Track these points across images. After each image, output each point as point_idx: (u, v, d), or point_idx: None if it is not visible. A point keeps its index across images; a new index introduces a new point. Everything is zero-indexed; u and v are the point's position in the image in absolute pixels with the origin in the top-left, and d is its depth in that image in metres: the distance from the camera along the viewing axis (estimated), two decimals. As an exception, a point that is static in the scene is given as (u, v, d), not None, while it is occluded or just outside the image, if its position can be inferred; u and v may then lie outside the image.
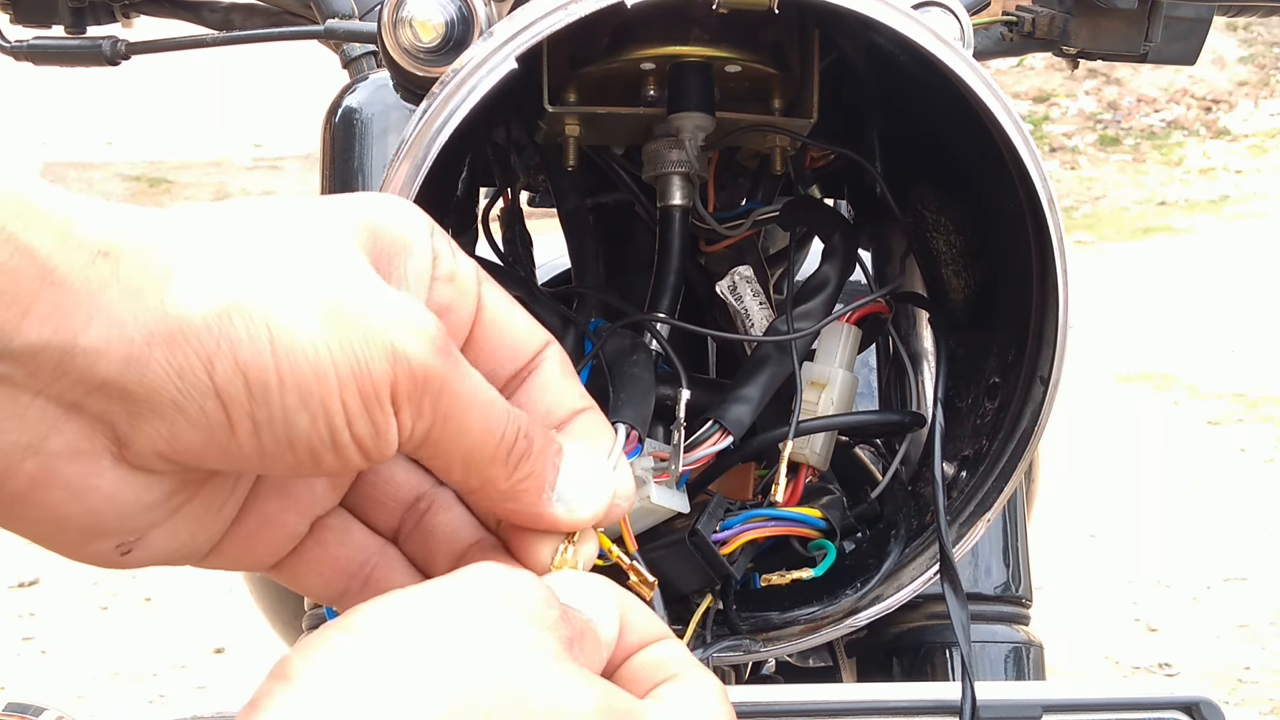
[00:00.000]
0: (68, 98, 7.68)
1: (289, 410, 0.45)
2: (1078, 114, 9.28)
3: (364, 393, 0.45)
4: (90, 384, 0.43)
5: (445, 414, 0.48)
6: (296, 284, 0.45)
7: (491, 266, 0.87)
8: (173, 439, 0.45)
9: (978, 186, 0.77)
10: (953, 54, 0.67)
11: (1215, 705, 0.71)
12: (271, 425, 0.45)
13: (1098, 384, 5.22)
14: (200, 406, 0.44)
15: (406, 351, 0.46)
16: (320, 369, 0.45)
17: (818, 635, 0.75)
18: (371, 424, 0.46)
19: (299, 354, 0.44)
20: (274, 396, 0.44)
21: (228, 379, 0.44)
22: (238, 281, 0.45)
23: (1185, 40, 0.94)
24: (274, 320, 0.44)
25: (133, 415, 0.44)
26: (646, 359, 0.74)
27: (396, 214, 0.51)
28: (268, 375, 0.44)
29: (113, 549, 0.49)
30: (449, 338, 0.48)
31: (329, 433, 0.46)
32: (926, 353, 0.88)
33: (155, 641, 3.45)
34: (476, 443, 0.49)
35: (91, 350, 0.43)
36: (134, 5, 1.28)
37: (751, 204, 0.87)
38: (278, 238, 0.47)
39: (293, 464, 0.46)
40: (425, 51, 0.78)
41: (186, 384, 0.44)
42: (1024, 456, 0.74)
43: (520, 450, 0.50)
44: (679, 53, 0.78)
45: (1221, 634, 3.56)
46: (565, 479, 0.52)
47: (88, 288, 0.43)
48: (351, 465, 0.47)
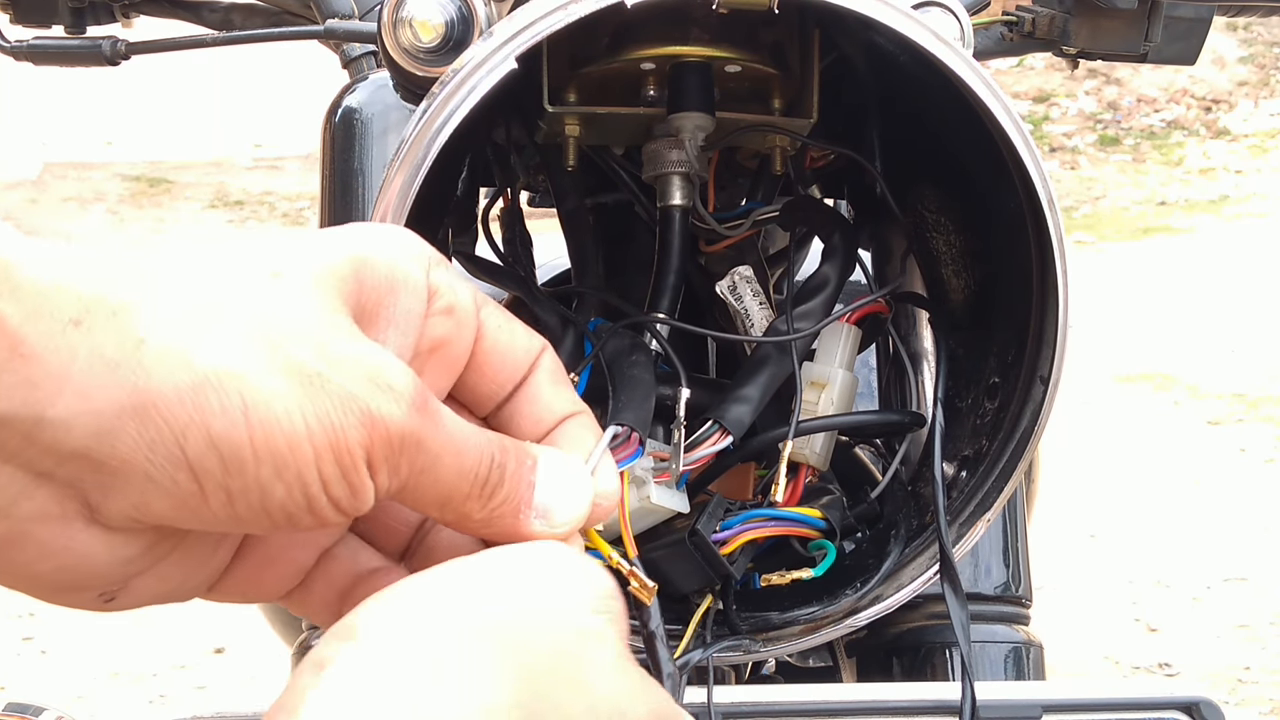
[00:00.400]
0: (68, 98, 7.69)
1: (264, 481, 0.44)
2: (1078, 114, 9.28)
3: (340, 460, 0.45)
4: (60, 454, 0.43)
5: (420, 468, 0.48)
6: (269, 349, 0.45)
7: (491, 266, 0.87)
8: (143, 506, 0.45)
9: (978, 186, 0.77)
10: (953, 54, 0.67)
11: (1215, 705, 0.71)
12: (246, 495, 0.45)
13: (1098, 384, 5.22)
14: (172, 478, 0.44)
15: (382, 414, 0.46)
16: (295, 440, 0.44)
17: (818, 635, 0.75)
18: (348, 487, 0.46)
19: (273, 425, 0.44)
20: (249, 469, 0.44)
21: (201, 453, 0.43)
22: (210, 351, 0.44)
23: (1185, 40, 0.94)
24: (247, 391, 0.44)
25: (103, 485, 0.44)
26: (646, 359, 0.74)
27: (389, 250, 0.50)
28: (242, 449, 0.44)
29: (95, 598, 0.49)
30: (424, 391, 0.48)
31: (305, 499, 0.45)
32: (926, 353, 0.88)
33: (155, 641, 3.45)
34: (450, 486, 0.49)
35: (60, 422, 0.42)
36: (134, 5, 1.28)
37: (751, 204, 0.87)
38: (252, 297, 0.46)
39: (268, 526, 0.46)
40: (425, 51, 0.78)
41: (158, 456, 0.43)
42: (1024, 456, 0.74)
43: (494, 482, 0.50)
44: (679, 53, 0.77)
45: (1221, 634, 3.56)
46: (542, 490, 0.52)
47: (58, 359, 0.42)
48: (329, 523, 0.47)
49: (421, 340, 0.51)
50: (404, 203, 0.66)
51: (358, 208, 1.08)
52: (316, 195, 1.15)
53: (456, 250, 0.89)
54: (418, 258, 0.51)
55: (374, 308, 0.49)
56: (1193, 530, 4.09)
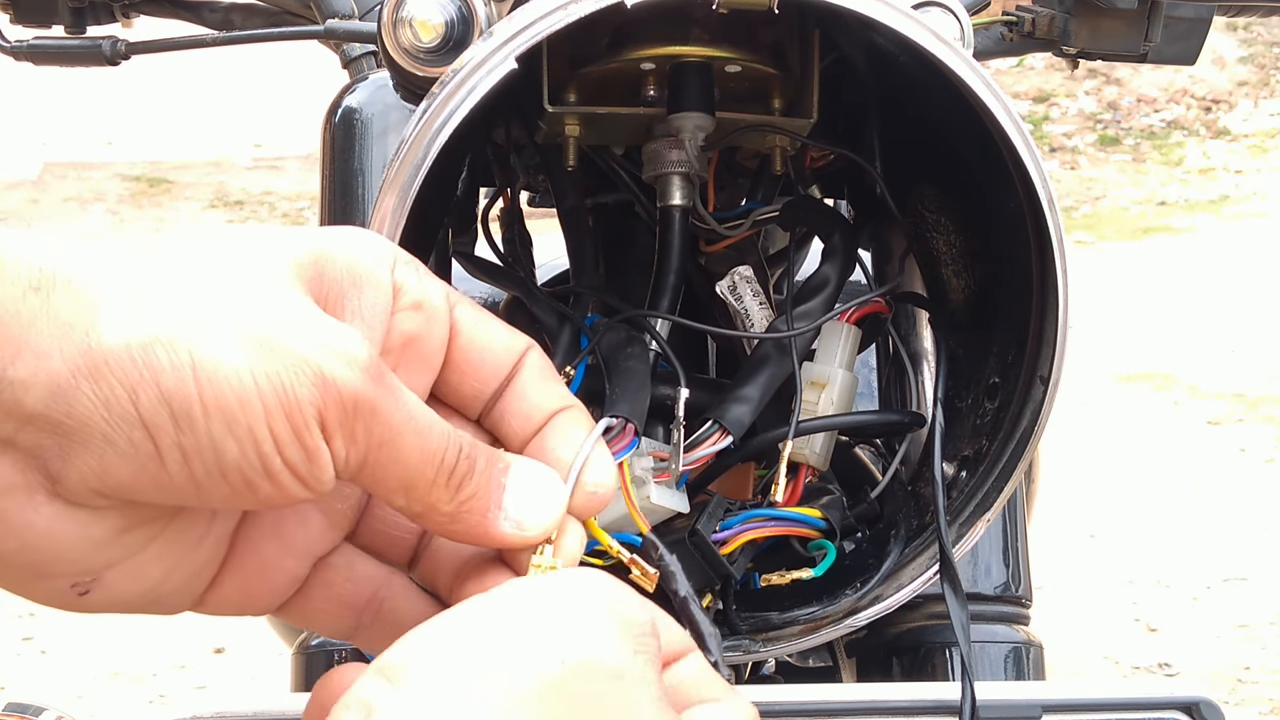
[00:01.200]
0: (68, 98, 7.68)
1: (215, 438, 0.45)
2: (1078, 114, 9.27)
3: (292, 419, 0.45)
4: (19, 417, 0.43)
5: (379, 440, 0.47)
6: (222, 314, 0.45)
7: (491, 266, 0.87)
8: (103, 473, 0.45)
9: (978, 187, 0.77)
10: (953, 54, 0.67)
11: (1215, 705, 0.71)
12: (200, 454, 0.45)
13: (1098, 384, 5.22)
14: (128, 437, 0.44)
15: (335, 377, 0.46)
16: (244, 396, 0.44)
17: (818, 635, 0.75)
18: (303, 449, 0.46)
19: (222, 381, 0.44)
20: (199, 424, 0.44)
21: (152, 408, 0.44)
22: (163, 313, 0.45)
23: (1185, 40, 0.94)
24: (197, 349, 0.44)
25: (63, 449, 0.44)
26: (642, 352, 0.74)
27: (348, 248, 0.51)
28: (191, 403, 0.44)
29: (67, 589, 0.48)
30: (381, 363, 0.48)
31: (259, 460, 0.45)
32: (926, 353, 0.88)
33: (155, 641, 3.44)
34: (414, 467, 0.49)
35: (19, 383, 0.43)
36: (134, 5, 1.28)
37: (751, 204, 0.87)
38: (208, 271, 0.47)
39: (228, 494, 0.46)
40: (425, 51, 0.78)
41: (113, 415, 0.44)
42: (1024, 456, 0.74)
43: (461, 472, 0.50)
44: (679, 53, 0.77)
45: (1221, 634, 3.56)
46: (513, 495, 0.52)
47: (17, 321, 0.43)
48: (291, 494, 0.47)
49: (391, 336, 0.51)
50: (404, 202, 0.66)
51: (358, 208, 1.08)
52: (316, 195, 1.15)
53: (456, 250, 0.89)
54: (380, 256, 0.52)
55: (336, 299, 0.50)
56: (1193, 530, 4.08)
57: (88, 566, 0.48)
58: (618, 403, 0.70)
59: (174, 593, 0.51)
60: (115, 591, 0.49)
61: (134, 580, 0.49)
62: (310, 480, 0.47)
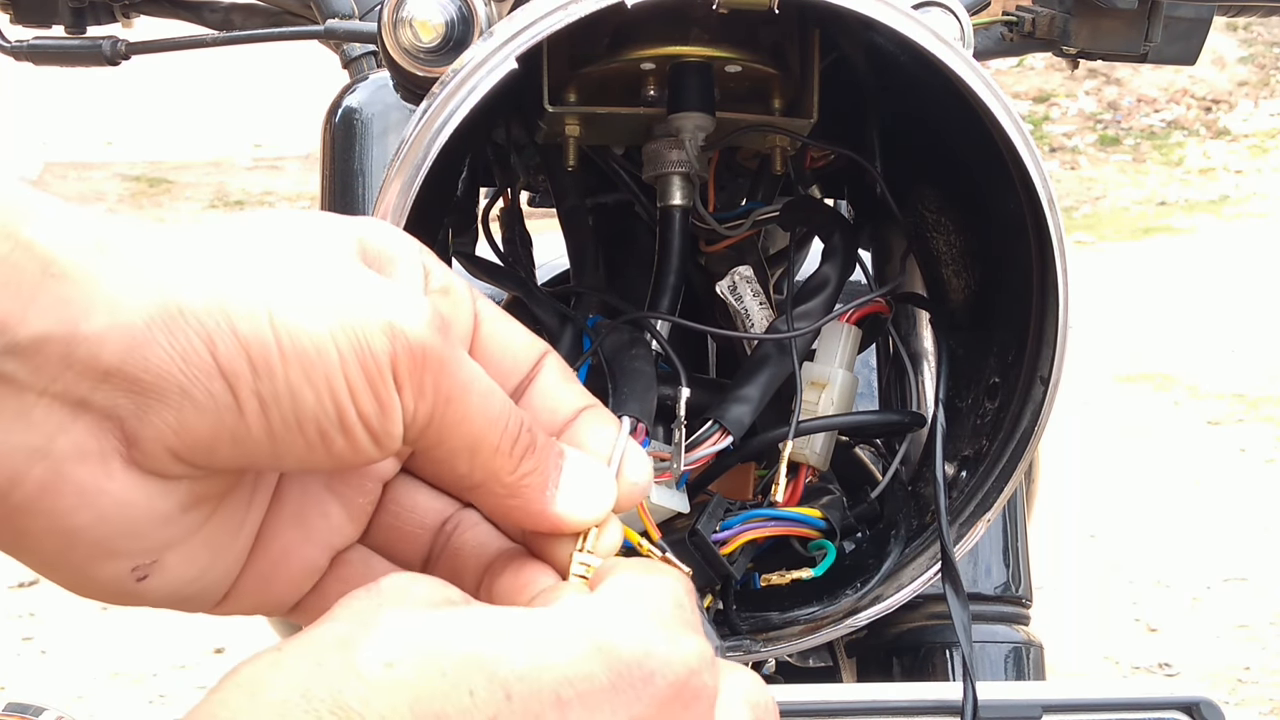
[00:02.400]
0: (68, 98, 7.68)
1: (294, 385, 0.45)
2: (1078, 114, 9.27)
3: (366, 367, 0.45)
4: (95, 374, 0.43)
5: (446, 396, 0.47)
6: (292, 270, 0.46)
7: (491, 266, 0.87)
8: (181, 430, 0.44)
9: (978, 187, 0.77)
10: (953, 54, 0.67)
11: (1215, 705, 0.71)
12: (278, 402, 0.45)
13: (1098, 384, 5.22)
14: (206, 388, 0.44)
15: (404, 328, 0.46)
16: (320, 344, 0.45)
17: (818, 635, 0.75)
18: (376, 400, 0.46)
19: (299, 329, 0.44)
20: (278, 371, 0.44)
21: (230, 356, 0.44)
22: (234, 269, 0.45)
23: (1185, 40, 0.94)
24: (272, 300, 0.45)
25: (140, 407, 0.44)
26: (646, 353, 0.74)
27: (382, 231, 0.51)
28: (269, 351, 0.44)
29: (128, 572, 0.48)
30: (446, 321, 0.48)
31: (335, 409, 0.45)
32: (926, 353, 0.88)
33: (155, 641, 3.44)
34: (479, 430, 0.49)
35: (94, 338, 0.43)
36: (134, 5, 1.28)
37: (751, 204, 0.87)
38: (271, 235, 0.48)
39: (303, 449, 0.46)
40: (425, 51, 0.78)
41: (190, 366, 0.44)
42: (1024, 456, 0.74)
43: (525, 443, 0.50)
44: (679, 53, 0.78)
45: (1221, 634, 3.56)
46: (567, 480, 0.52)
47: (88, 277, 0.43)
48: (363, 449, 0.47)
49: None
50: (404, 203, 0.66)
51: (358, 208, 1.08)
52: (316, 195, 1.15)
53: (456, 250, 0.89)
54: (409, 241, 0.52)
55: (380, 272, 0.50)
56: (1193, 530, 4.08)
57: (152, 544, 0.48)
58: (627, 402, 0.70)
59: (207, 586, 0.51)
60: (168, 577, 0.49)
61: (185, 565, 0.49)
62: (382, 435, 0.47)
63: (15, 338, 0.42)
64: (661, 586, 0.49)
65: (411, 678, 0.42)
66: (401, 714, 0.41)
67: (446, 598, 0.47)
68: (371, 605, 0.45)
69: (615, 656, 0.45)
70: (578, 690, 0.44)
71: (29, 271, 0.42)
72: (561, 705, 0.43)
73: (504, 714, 0.43)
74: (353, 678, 0.42)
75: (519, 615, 0.46)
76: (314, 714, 0.41)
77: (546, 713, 0.43)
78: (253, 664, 0.42)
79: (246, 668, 0.43)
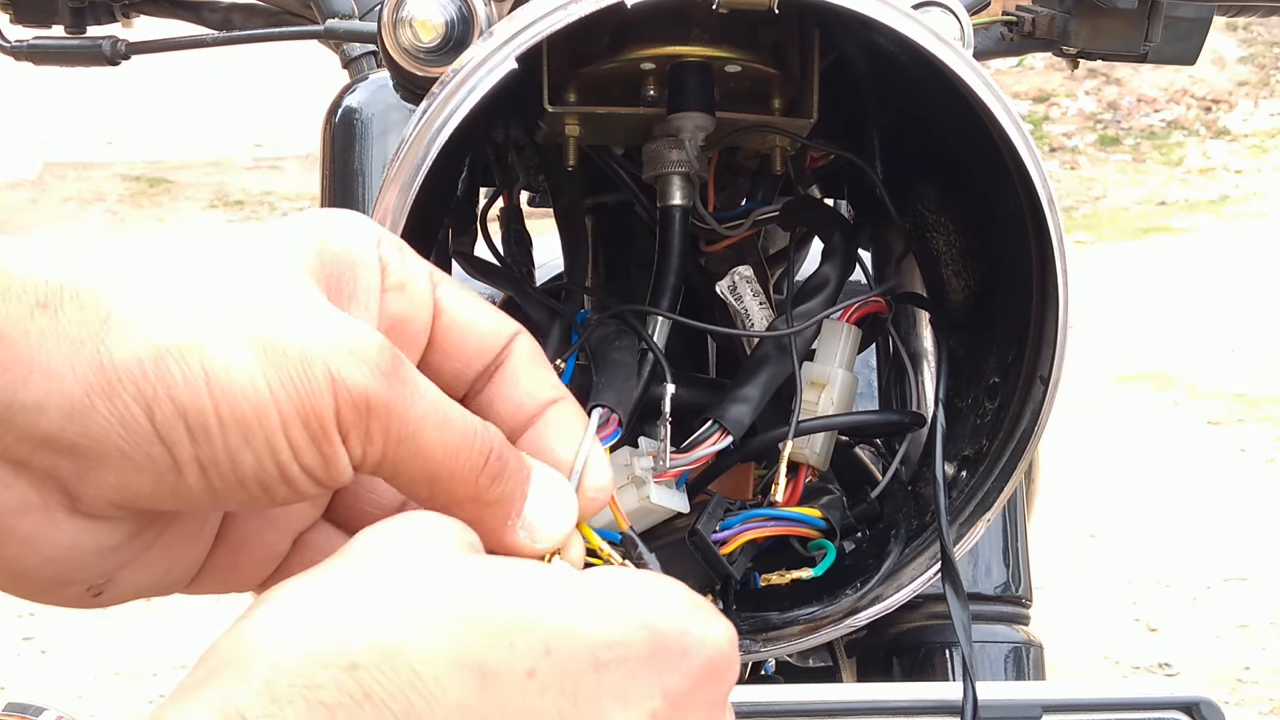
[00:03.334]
0: (68, 98, 7.68)
1: (233, 449, 0.44)
2: (1078, 114, 9.27)
3: (308, 425, 0.45)
4: (34, 439, 0.43)
5: (397, 438, 0.47)
6: (233, 320, 0.45)
7: (487, 266, 0.87)
8: (122, 487, 0.45)
9: (978, 187, 0.77)
10: (953, 54, 0.67)
11: (1215, 705, 0.71)
12: (217, 466, 0.45)
13: (1098, 384, 5.21)
14: (146, 452, 0.44)
15: (344, 379, 0.45)
16: (260, 406, 0.44)
17: (818, 635, 0.75)
18: (320, 455, 0.46)
19: (236, 391, 0.44)
20: (215, 437, 0.44)
21: (168, 423, 0.44)
22: (173, 324, 0.44)
23: (1185, 40, 0.94)
24: (209, 358, 0.44)
25: (80, 468, 0.44)
26: (630, 345, 0.74)
27: (340, 230, 0.51)
28: (206, 417, 0.44)
29: (82, 592, 0.49)
30: (396, 357, 0.47)
31: (276, 468, 0.45)
32: (926, 353, 0.88)
33: (155, 641, 3.44)
34: (437, 463, 0.48)
35: (32, 405, 0.43)
36: (134, 5, 1.28)
37: (751, 204, 0.87)
38: (217, 274, 0.47)
39: (245, 499, 0.46)
40: (425, 51, 0.78)
41: (130, 431, 0.43)
42: (1024, 456, 0.74)
43: (493, 471, 0.50)
44: (679, 53, 0.77)
45: (1221, 634, 3.56)
46: (531, 505, 0.51)
47: (26, 341, 0.43)
48: (307, 494, 0.47)
49: (381, 319, 0.51)
50: (404, 202, 0.66)
51: (358, 208, 1.08)
52: (316, 195, 1.15)
53: (456, 250, 0.89)
54: (368, 237, 0.51)
55: (338, 284, 0.49)
56: (1193, 530, 4.08)
57: (104, 570, 0.48)
58: (603, 392, 0.70)
59: (171, 582, 0.52)
60: (126, 589, 0.50)
61: (143, 574, 0.50)
62: (327, 481, 0.47)
63: None
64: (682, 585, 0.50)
65: (453, 627, 0.43)
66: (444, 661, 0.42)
67: (469, 541, 0.47)
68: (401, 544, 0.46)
69: (656, 628, 0.46)
70: (616, 654, 0.45)
71: None
72: (599, 667, 0.44)
73: (542, 668, 0.43)
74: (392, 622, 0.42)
75: (561, 575, 0.47)
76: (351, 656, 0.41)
77: (584, 672, 0.44)
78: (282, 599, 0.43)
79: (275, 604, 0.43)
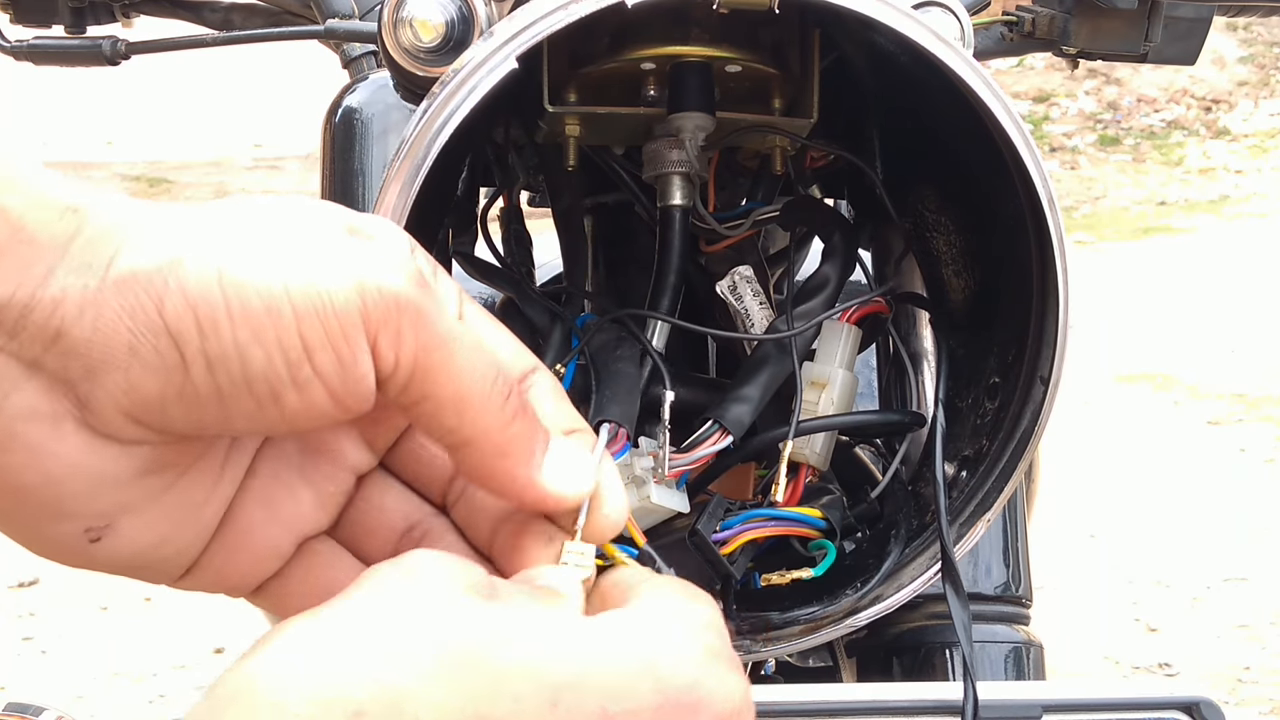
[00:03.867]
0: (68, 98, 7.68)
1: (241, 344, 0.45)
2: (1078, 114, 9.27)
3: (325, 323, 0.45)
4: (48, 336, 0.44)
5: (425, 344, 0.47)
6: (260, 234, 0.46)
7: (487, 267, 0.87)
8: (130, 390, 0.45)
9: (978, 187, 0.77)
10: (953, 54, 0.67)
11: (1215, 705, 0.71)
12: (225, 362, 0.45)
13: (1098, 384, 5.21)
14: (153, 346, 0.44)
15: (376, 281, 0.46)
16: (272, 302, 0.45)
17: (818, 635, 0.75)
18: (336, 357, 0.45)
19: (249, 289, 0.45)
20: (224, 330, 0.44)
21: (177, 315, 0.44)
22: (193, 232, 0.46)
23: (1185, 40, 0.94)
24: (225, 260, 0.45)
25: (89, 369, 0.44)
26: (632, 354, 0.74)
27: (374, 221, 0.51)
28: (216, 309, 0.44)
29: (80, 533, 0.48)
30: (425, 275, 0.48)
31: (285, 367, 0.45)
32: (926, 353, 0.88)
33: (155, 641, 3.44)
34: (466, 383, 0.48)
35: (50, 300, 0.44)
36: (134, 5, 1.29)
37: (751, 204, 0.87)
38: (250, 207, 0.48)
39: (253, 408, 0.46)
40: (425, 51, 0.78)
41: (138, 323, 0.44)
42: (1024, 456, 0.74)
43: (515, 405, 0.49)
44: (679, 53, 0.78)
45: (1221, 634, 3.56)
46: (553, 452, 0.51)
47: (54, 242, 0.44)
48: (318, 409, 0.46)
49: None
50: (404, 203, 0.66)
51: (358, 208, 1.08)
52: (317, 195, 1.15)
53: (456, 250, 0.89)
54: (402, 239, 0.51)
55: None
56: (1193, 530, 4.08)
57: (105, 507, 0.48)
58: (608, 406, 0.70)
59: (169, 557, 0.51)
60: (123, 542, 0.49)
61: (142, 531, 0.49)
62: (342, 392, 0.46)
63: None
64: (704, 615, 0.49)
65: (459, 676, 0.42)
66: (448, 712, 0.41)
67: (473, 583, 0.46)
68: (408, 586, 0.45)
69: (665, 680, 0.45)
70: (624, 707, 0.44)
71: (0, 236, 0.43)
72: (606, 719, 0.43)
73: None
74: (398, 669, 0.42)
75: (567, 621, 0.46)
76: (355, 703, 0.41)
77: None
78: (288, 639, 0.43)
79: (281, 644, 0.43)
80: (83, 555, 0.49)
